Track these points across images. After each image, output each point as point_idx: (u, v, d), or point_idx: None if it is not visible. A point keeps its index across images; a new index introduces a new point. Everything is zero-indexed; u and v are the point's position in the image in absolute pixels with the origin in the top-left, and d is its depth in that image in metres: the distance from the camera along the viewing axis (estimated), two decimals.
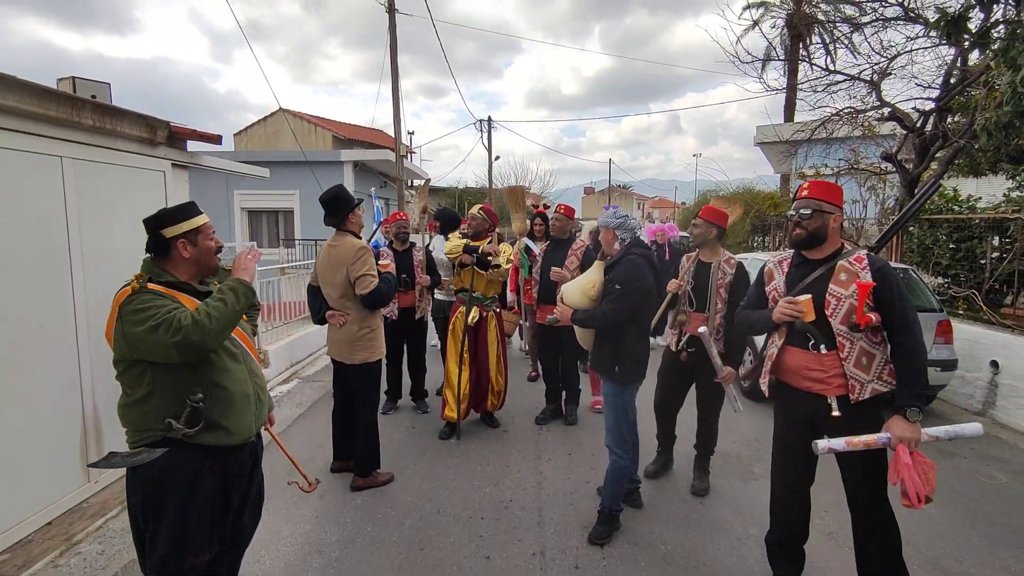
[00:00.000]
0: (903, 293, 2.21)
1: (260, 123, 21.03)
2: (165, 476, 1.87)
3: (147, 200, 3.86)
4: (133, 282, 1.88)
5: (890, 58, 7.38)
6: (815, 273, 2.36)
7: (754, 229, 11.76)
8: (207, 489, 1.95)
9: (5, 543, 2.83)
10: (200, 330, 1.77)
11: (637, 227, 3.25)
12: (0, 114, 2.80)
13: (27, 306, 2.97)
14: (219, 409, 1.94)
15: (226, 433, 1.97)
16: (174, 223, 1.97)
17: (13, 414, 2.88)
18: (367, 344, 3.57)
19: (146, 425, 1.88)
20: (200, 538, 1.94)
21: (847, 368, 2.27)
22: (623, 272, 3.03)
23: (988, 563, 2.97)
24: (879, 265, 2.23)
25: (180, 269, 2.00)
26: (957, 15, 4.43)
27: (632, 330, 3.07)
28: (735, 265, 3.55)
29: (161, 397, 1.87)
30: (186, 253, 1.98)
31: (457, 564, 2.90)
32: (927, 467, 2.10)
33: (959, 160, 7.76)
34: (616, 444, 3.15)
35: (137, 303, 1.81)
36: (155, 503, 1.88)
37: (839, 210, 2.35)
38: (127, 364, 1.87)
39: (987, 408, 5.42)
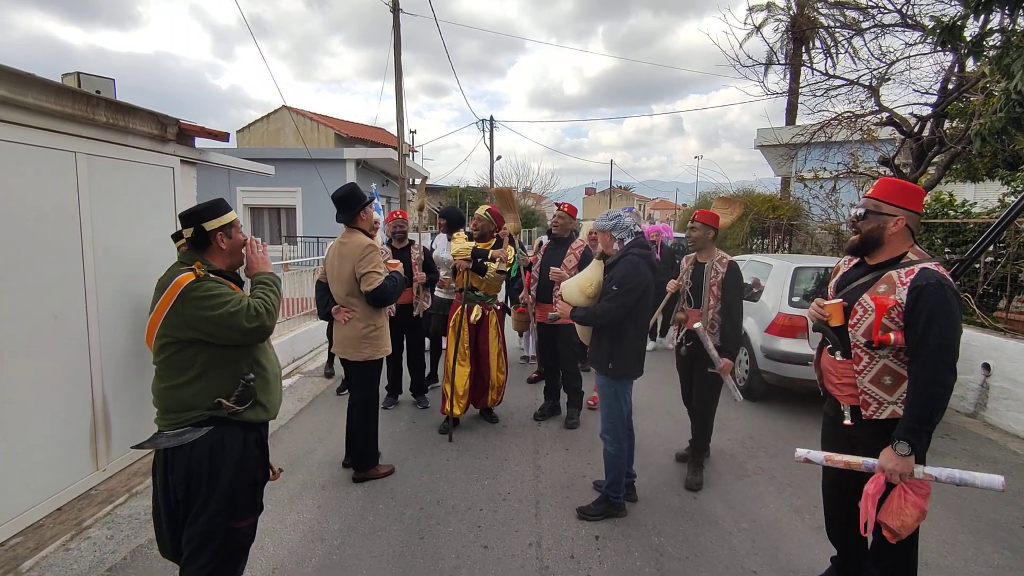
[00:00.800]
0: (938, 320, 1.96)
1: (263, 120, 21.13)
2: (214, 452, 2.02)
3: (157, 195, 3.95)
4: (196, 269, 2.00)
5: (889, 64, 7.47)
6: (863, 279, 2.21)
7: (753, 231, 11.84)
8: (251, 461, 2.13)
9: (18, 527, 2.92)
10: (270, 319, 2.06)
11: (632, 224, 3.31)
12: (20, 111, 2.89)
13: (41, 298, 3.05)
14: (260, 387, 2.12)
15: (264, 410, 2.15)
16: (214, 217, 2.12)
17: (27, 402, 2.97)
18: (372, 342, 3.64)
19: (194, 404, 2.00)
20: (245, 507, 2.12)
21: (860, 382, 2.17)
22: (621, 272, 3.13)
23: (971, 558, 3.05)
24: (922, 284, 2.00)
25: (217, 260, 2.14)
26: (952, 23, 4.50)
27: (629, 327, 3.17)
28: (727, 264, 3.72)
29: (213, 377, 2.01)
30: (223, 245, 2.14)
31: (456, 553, 2.99)
32: (907, 504, 2.00)
33: (956, 165, 7.86)
34: (607, 432, 3.29)
35: (206, 289, 1.96)
36: (205, 478, 2.01)
37: (906, 213, 2.12)
38: (179, 346, 1.98)
39: (978, 410, 5.50)
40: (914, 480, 2.02)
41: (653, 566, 2.89)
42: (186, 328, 1.95)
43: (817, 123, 8.61)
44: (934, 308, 1.96)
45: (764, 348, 5.44)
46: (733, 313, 3.67)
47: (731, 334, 3.66)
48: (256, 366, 2.13)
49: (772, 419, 5.18)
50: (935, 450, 4.54)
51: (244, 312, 1.97)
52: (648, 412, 5.25)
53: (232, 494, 2.06)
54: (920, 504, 2.00)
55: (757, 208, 11.63)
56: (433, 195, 34.15)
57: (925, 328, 1.97)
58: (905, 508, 2.00)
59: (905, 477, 2.00)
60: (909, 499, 2.00)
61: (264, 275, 2.23)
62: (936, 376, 1.97)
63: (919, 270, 2.05)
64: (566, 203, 5.06)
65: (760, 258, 6.74)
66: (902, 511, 2.00)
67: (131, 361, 3.66)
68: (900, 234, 2.14)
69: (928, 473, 2.00)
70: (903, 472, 1.99)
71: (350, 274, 3.53)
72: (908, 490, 2.00)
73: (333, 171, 13.92)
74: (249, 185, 14.14)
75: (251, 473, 2.15)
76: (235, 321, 1.95)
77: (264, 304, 2.06)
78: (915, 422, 1.98)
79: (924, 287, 1.99)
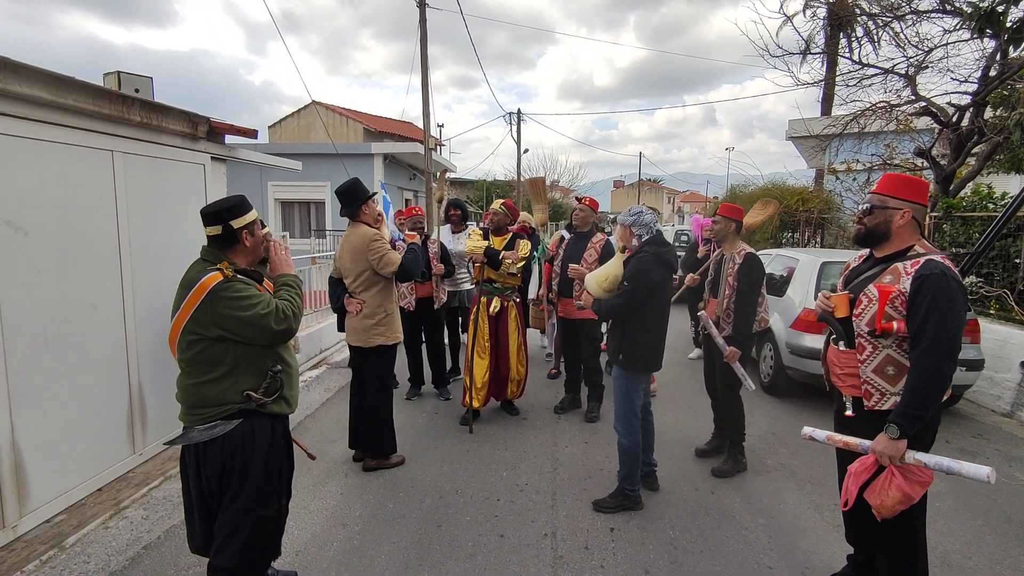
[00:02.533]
0: (939, 308, 1.98)
1: (294, 115, 21.53)
2: (245, 443, 2.09)
3: (188, 191, 4.10)
4: (224, 268, 2.04)
5: (926, 51, 7.21)
6: (870, 271, 2.25)
7: (783, 225, 11.59)
8: (279, 451, 2.23)
9: (63, 504, 3.10)
10: (296, 321, 2.12)
11: (653, 222, 3.35)
12: (61, 112, 3.04)
13: (80, 288, 3.22)
14: (285, 381, 2.20)
15: (286, 404, 2.24)
16: (240, 215, 2.16)
17: (68, 388, 3.14)
18: (383, 329, 3.72)
19: (225, 399, 2.07)
20: (271, 495, 2.20)
21: (864, 372, 2.20)
22: (631, 270, 3.20)
23: (998, 560, 2.98)
24: (925, 273, 2.03)
25: (240, 257, 2.19)
26: (991, 9, 4.34)
27: (640, 322, 3.22)
28: (744, 255, 3.78)
29: (242, 372, 2.08)
30: (248, 243, 2.19)
31: (472, 541, 3.05)
32: (891, 487, 2.05)
33: (999, 156, 7.55)
34: (619, 424, 3.35)
35: (235, 289, 2.01)
36: (238, 467, 2.09)
37: (911, 205, 2.16)
38: (208, 343, 2.03)
39: (1016, 410, 5.32)
40: (909, 467, 2.05)
41: (667, 559, 2.91)
42: (214, 327, 2.00)
43: (850, 114, 8.36)
44: (935, 297, 1.99)
45: (789, 344, 5.36)
46: (744, 303, 3.72)
47: (740, 324, 3.74)
48: (281, 362, 2.20)
49: (795, 415, 5.11)
50: (965, 449, 4.43)
51: (274, 314, 2.03)
52: (670, 406, 5.24)
53: (261, 483, 2.13)
54: (905, 488, 2.04)
55: (787, 201, 11.38)
56: (461, 189, 34.34)
57: (925, 316, 2.00)
58: (889, 490, 2.06)
59: (895, 460, 2.05)
60: (895, 482, 2.05)
61: (288, 277, 2.28)
62: (934, 364, 2.00)
63: (924, 261, 2.07)
64: (587, 197, 5.05)
65: (787, 252, 6.62)
66: (885, 492, 2.07)
67: (165, 350, 3.77)
68: (907, 227, 2.17)
69: (918, 459, 2.03)
70: (893, 455, 2.04)
71: (358, 266, 3.64)
72: (896, 473, 2.05)
73: (361, 166, 14.12)
74: (279, 180, 14.44)
75: (278, 462, 2.23)
76: (265, 323, 2.01)
77: (291, 307, 2.12)
78: (908, 407, 2.02)
79: (927, 276, 2.02)
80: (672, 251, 3.34)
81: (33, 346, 2.92)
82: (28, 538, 2.86)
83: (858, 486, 2.14)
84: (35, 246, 2.92)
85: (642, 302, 3.18)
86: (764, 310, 4.04)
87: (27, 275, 2.88)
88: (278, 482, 2.25)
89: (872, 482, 2.12)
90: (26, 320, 2.88)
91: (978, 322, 5.25)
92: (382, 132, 20.57)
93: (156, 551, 2.90)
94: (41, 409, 2.97)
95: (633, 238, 3.33)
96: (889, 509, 2.07)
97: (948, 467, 2.00)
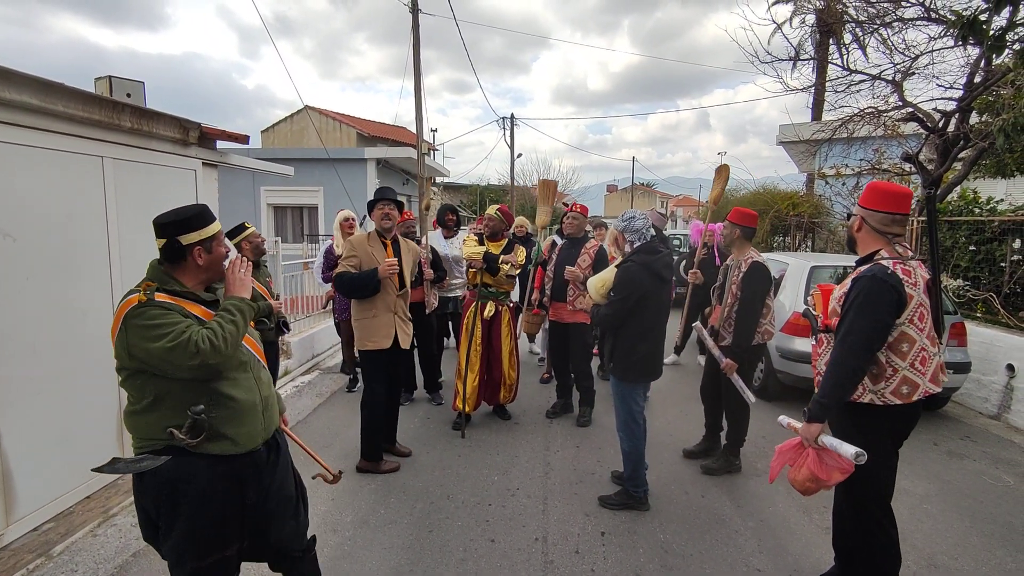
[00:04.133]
0: (858, 308, 2.17)
1: (287, 120, 21.51)
2: (175, 484, 1.82)
3: (179, 197, 4.09)
4: (140, 293, 1.79)
5: (913, 58, 7.31)
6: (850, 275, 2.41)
7: (774, 230, 11.68)
8: (217, 495, 1.89)
9: (51, 512, 3.09)
10: (217, 354, 1.76)
11: (646, 227, 3.32)
12: (51, 118, 3.04)
13: (70, 295, 3.20)
14: (225, 419, 1.87)
15: (231, 443, 1.90)
16: (193, 230, 1.90)
17: (57, 394, 3.13)
18: (362, 333, 3.79)
19: (150, 433, 1.83)
20: (210, 542, 1.89)
21: (819, 364, 2.47)
22: (617, 279, 3.23)
23: (984, 561, 3.02)
24: (864, 274, 2.22)
25: (189, 276, 1.93)
26: (973, 17, 4.41)
27: (629, 331, 3.25)
28: (749, 263, 3.72)
29: (165, 406, 1.82)
30: (201, 260, 1.92)
31: (463, 546, 3.06)
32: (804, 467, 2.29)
33: (985, 161, 7.66)
34: (620, 429, 3.41)
35: (147, 317, 1.75)
36: (166, 508, 1.84)
37: (865, 212, 2.33)
38: (128, 373, 1.82)
39: (1002, 412, 5.38)
40: (828, 452, 2.24)
41: (658, 562, 2.92)
42: (128, 357, 1.77)
43: (839, 119, 8.46)
44: (858, 296, 2.18)
45: (779, 348, 5.40)
46: (745, 312, 3.68)
47: (740, 335, 3.69)
48: (220, 396, 1.87)
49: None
50: (953, 452, 4.47)
51: (183, 347, 1.71)
52: (662, 410, 5.26)
53: (192, 530, 1.84)
54: (814, 469, 2.25)
55: (778, 205, 11.47)
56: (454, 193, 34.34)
57: (845, 313, 2.23)
58: (801, 468, 2.30)
59: (810, 442, 2.28)
60: (807, 463, 2.28)
61: (233, 301, 1.93)
62: (841, 357, 2.20)
63: (872, 265, 2.25)
64: (576, 203, 5.06)
65: (777, 256, 6.68)
66: (798, 468, 2.33)
67: None
68: (864, 233, 2.35)
69: (822, 441, 2.25)
70: (807, 437, 2.28)
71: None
72: (811, 455, 2.28)
73: (354, 170, 14.11)
74: (272, 185, 14.40)
75: (218, 509, 1.89)
76: (173, 357, 1.71)
77: (213, 336, 1.76)
78: (819, 395, 2.27)
79: (859, 278, 2.22)
80: (663, 258, 3.28)
81: (22, 353, 2.91)
82: (15, 547, 2.84)
83: (781, 464, 2.43)
84: (24, 253, 2.91)
85: (631, 312, 3.18)
86: (769, 322, 3.87)
87: (16, 282, 2.87)
88: (219, 532, 1.90)
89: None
90: (15, 327, 2.87)
91: (965, 325, 5.32)
92: (375, 137, 20.59)
93: (145, 559, 2.89)
94: (29, 416, 2.96)
95: (626, 244, 3.34)
96: (800, 484, 2.32)
97: (831, 444, 2.22)
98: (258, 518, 2.03)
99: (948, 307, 5.35)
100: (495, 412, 5.03)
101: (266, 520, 2.07)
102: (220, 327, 1.81)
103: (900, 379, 2.24)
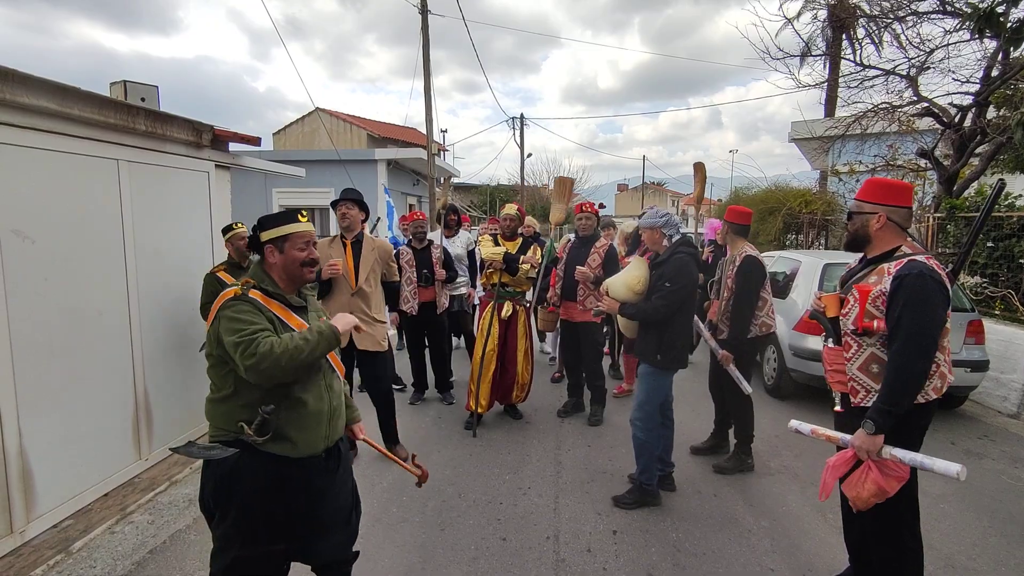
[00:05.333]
0: (913, 307, 2.05)
1: (298, 122, 21.69)
2: (233, 475, 1.88)
3: (192, 199, 4.15)
4: (239, 287, 1.90)
5: (928, 52, 7.21)
6: (861, 272, 2.34)
7: (786, 227, 11.57)
8: (269, 493, 1.92)
9: (70, 510, 3.14)
10: (273, 363, 1.75)
11: (679, 224, 3.45)
12: (67, 122, 3.09)
13: (87, 296, 3.26)
14: (291, 422, 1.91)
15: (291, 446, 1.92)
16: (264, 228, 1.99)
17: (75, 394, 3.18)
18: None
19: (224, 424, 1.91)
20: (256, 535, 1.92)
21: (850, 369, 2.27)
22: (673, 270, 3.24)
23: (1002, 561, 2.97)
24: (904, 273, 2.10)
25: (275, 275, 2.00)
26: (990, 10, 4.34)
27: (676, 321, 3.30)
28: (743, 257, 3.78)
29: (242, 400, 1.88)
30: (272, 259, 1.98)
31: (475, 544, 3.07)
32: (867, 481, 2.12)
33: (1002, 156, 7.53)
34: (638, 418, 3.40)
35: (234, 310, 1.84)
36: (223, 496, 1.91)
37: (886, 209, 2.23)
38: (215, 360, 1.90)
39: (1022, 411, 5.29)
40: (886, 461, 2.11)
41: (669, 561, 2.91)
42: (216, 343, 1.86)
43: (851, 115, 8.36)
44: (911, 295, 2.06)
45: (792, 346, 5.36)
46: (740, 305, 3.75)
47: (735, 328, 3.77)
48: (292, 400, 1.91)
49: (799, 417, 5.01)
50: (971, 451, 4.41)
51: (245, 346, 1.75)
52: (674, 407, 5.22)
53: (240, 522, 1.89)
54: (880, 482, 2.10)
55: (790, 203, 11.36)
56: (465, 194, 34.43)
57: (900, 315, 2.08)
58: (865, 483, 2.13)
59: (872, 455, 2.11)
60: (871, 476, 2.12)
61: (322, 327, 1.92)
62: (906, 361, 2.07)
63: (907, 261, 2.14)
64: (587, 203, 5.03)
65: (790, 254, 6.62)
66: (861, 484, 2.14)
67: (170, 356, 3.87)
68: (885, 229, 2.25)
69: (894, 455, 2.09)
70: (869, 450, 2.11)
71: None
72: (873, 468, 2.12)
73: (365, 172, 14.18)
74: (284, 186, 14.51)
75: (269, 506, 1.92)
76: (236, 352, 1.76)
77: (276, 344, 1.77)
78: (884, 403, 2.09)
79: (905, 276, 2.10)
80: (700, 252, 3.44)
81: (41, 353, 2.96)
82: (35, 543, 2.89)
83: (835, 478, 2.24)
84: (43, 254, 2.96)
85: (684, 301, 3.26)
86: (767, 315, 3.90)
87: (35, 283, 2.92)
88: (266, 527, 1.93)
89: (850, 475, 2.20)
90: (34, 327, 2.92)
91: (983, 323, 5.23)
92: (386, 138, 20.70)
93: (162, 556, 2.93)
94: (48, 415, 3.01)
95: (664, 239, 3.40)
96: (864, 501, 2.15)
97: (921, 463, 2.05)
98: (312, 523, 2.05)
99: (965, 304, 5.27)
100: (506, 411, 5.04)
101: (319, 526, 2.08)
102: (290, 339, 1.82)
103: (939, 374, 2.17)
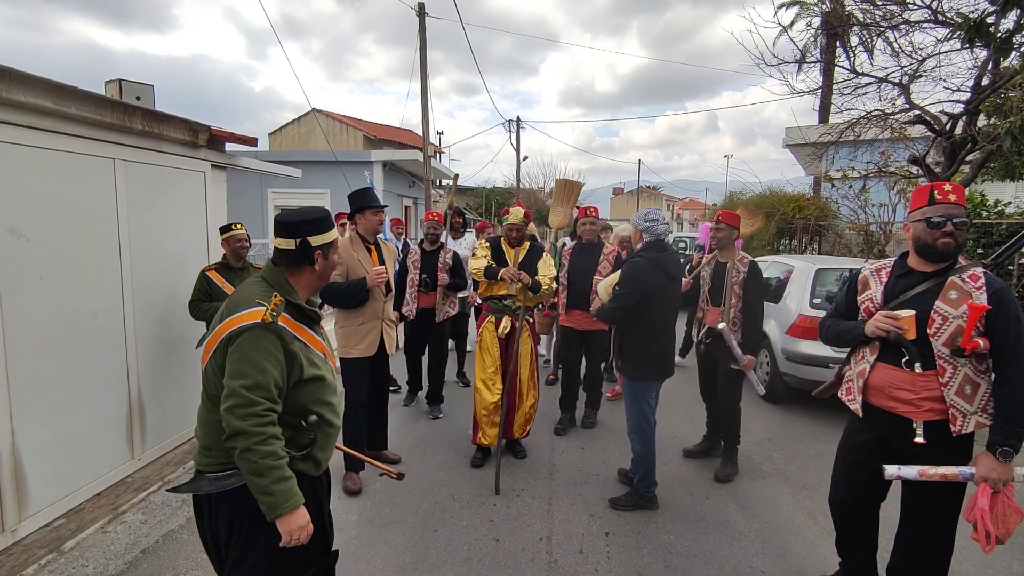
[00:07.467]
0: (1020, 320, 1.97)
1: (294, 123, 21.67)
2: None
3: (188, 198, 4.15)
4: (267, 309, 1.63)
5: (920, 60, 7.29)
6: (920, 287, 2.14)
7: (780, 232, 11.65)
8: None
9: (62, 509, 3.12)
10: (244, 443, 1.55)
11: (665, 230, 3.32)
12: (64, 121, 3.09)
13: (82, 295, 3.25)
14: (319, 440, 1.80)
15: (315, 465, 1.81)
16: (321, 231, 1.80)
17: (69, 393, 3.17)
18: (346, 341, 3.62)
19: None
20: (297, 561, 1.77)
21: (948, 395, 2.05)
22: (623, 274, 3.25)
23: (989, 564, 3.00)
24: (997, 287, 2.00)
25: (303, 283, 1.83)
26: (980, 20, 4.41)
27: (637, 329, 3.24)
28: (748, 264, 3.82)
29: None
30: (318, 266, 1.83)
31: (468, 545, 3.08)
32: (1010, 510, 1.97)
33: (992, 163, 7.62)
34: (634, 432, 3.42)
35: (258, 343, 1.60)
36: (246, 526, 1.68)
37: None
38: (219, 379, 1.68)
39: None
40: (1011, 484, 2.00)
41: (661, 563, 2.93)
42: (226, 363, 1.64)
43: (845, 122, 8.44)
44: (1015, 311, 1.97)
45: (785, 350, 5.40)
46: (755, 311, 3.78)
47: (752, 332, 3.79)
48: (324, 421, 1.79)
49: (791, 421, 5.14)
50: None
51: (241, 405, 1.56)
52: (666, 411, 5.23)
53: (273, 550, 1.68)
54: (1018, 507, 1.98)
55: (783, 208, 11.44)
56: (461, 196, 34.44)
57: (1015, 331, 1.96)
58: (1009, 515, 1.98)
59: (1008, 484, 1.98)
60: (1012, 506, 1.98)
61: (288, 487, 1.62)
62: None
63: (983, 274, 2.05)
64: (591, 207, 4.90)
65: (783, 259, 6.67)
66: (1006, 517, 1.99)
67: (164, 356, 3.86)
68: None
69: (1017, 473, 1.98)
70: (1007, 479, 1.97)
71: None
72: (1009, 496, 1.99)
73: (361, 173, 14.20)
74: (280, 187, 14.49)
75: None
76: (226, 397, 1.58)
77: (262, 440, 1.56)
78: (1015, 425, 1.96)
79: (1001, 289, 2.00)
80: (670, 256, 3.30)
81: (34, 352, 2.95)
82: (27, 542, 2.88)
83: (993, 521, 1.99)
84: (37, 253, 2.96)
85: (636, 306, 3.20)
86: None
87: (29, 282, 2.92)
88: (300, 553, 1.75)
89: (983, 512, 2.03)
90: (28, 327, 2.91)
91: None
92: (382, 139, 20.69)
93: (154, 555, 2.93)
94: (41, 415, 3.00)
95: (640, 241, 3.37)
96: (1011, 534, 2.00)
97: None
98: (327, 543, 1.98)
99: None
100: (508, 447, 4.24)
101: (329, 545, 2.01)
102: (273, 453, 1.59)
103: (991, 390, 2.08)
